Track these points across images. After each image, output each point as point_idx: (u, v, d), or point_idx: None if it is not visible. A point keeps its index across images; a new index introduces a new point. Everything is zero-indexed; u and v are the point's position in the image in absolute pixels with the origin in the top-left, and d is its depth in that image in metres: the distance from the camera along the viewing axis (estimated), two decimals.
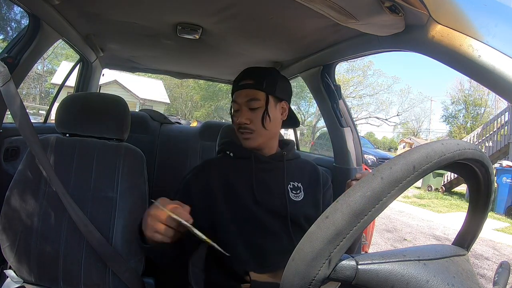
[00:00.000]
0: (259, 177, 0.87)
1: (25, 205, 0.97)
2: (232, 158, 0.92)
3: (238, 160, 0.90)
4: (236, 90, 0.89)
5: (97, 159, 1.04)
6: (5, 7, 11.58)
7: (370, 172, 0.34)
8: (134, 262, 0.99)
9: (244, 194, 0.84)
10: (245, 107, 0.86)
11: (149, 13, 1.12)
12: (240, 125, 0.86)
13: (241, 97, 0.87)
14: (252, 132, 0.86)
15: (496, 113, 10.55)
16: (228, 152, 0.93)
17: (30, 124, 0.96)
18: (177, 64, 1.98)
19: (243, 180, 0.86)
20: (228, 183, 0.86)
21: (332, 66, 1.39)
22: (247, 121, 0.85)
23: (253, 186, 0.85)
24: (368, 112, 22.78)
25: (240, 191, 0.84)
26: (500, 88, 0.51)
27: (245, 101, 0.86)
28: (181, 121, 2.77)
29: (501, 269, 0.45)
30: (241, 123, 0.85)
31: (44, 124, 1.69)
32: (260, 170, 0.88)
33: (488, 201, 0.43)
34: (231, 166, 0.89)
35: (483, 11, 0.57)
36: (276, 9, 0.97)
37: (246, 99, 0.86)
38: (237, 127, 0.88)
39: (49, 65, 20.49)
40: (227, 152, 0.93)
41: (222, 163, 0.92)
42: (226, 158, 0.93)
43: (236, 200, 0.84)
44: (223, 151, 0.95)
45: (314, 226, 0.33)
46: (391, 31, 0.76)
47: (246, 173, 0.87)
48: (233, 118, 0.90)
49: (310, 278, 0.32)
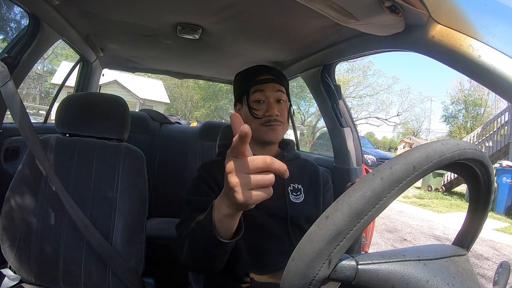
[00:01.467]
0: None
1: (25, 205, 0.97)
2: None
3: None
4: (262, 83, 0.87)
5: (97, 159, 1.04)
6: (5, 7, 11.58)
7: (370, 172, 0.34)
8: (134, 262, 0.99)
9: None
10: (273, 99, 0.86)
11: (149, 13, 1.12)
12: (271, 117, 0.84)
13: (270, 88, 0.86)
14: (280, 124, 0.86)
15: (496, 113, 10.55)
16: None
17: (30, 124, 0.96)
18: (177, 64, 1.98)
19: None
20: None
21: (332, 66, 1.39)
22: (278, 113, 0.85)
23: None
24: (368, 112, 22.81)
25: None
26: (500, 88, 0.51)
27: (274, 92, 0.86)
28: (181, 121, 2.77)
29: (501, 269, 0.45)
30: (274, 114, 0.84)
31: (44, 124, 1.69)
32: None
33: (488, 201, 0.42)
34: None
35: (483, 11, 0.57)
36: (276, 9, 0.97)
37: (275, 90, 0.86)
38: (265, 119, 0.85)
39: (49, 65, 20.52)
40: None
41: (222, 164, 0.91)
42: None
43: None
44: (223, 153, 0.95)
45: (314, 226, 0.33)
46: (391, 31, 0.76)
47: None
48: (256, 112, 0.85)
49: (310, 278, 0.32)
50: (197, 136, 1.99)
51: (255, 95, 0.86)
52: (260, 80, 0.87)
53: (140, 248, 1.00)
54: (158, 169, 1.93)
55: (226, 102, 20.56)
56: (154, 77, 18.22)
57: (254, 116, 0.85)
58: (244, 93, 0.88)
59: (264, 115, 0.85)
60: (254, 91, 0.86)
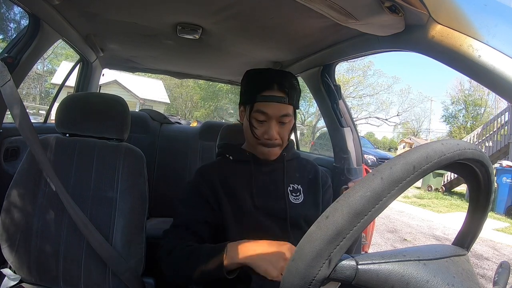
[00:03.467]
0: (259, 181, 0.87)
1: (25, 205, 0.97)
2: (231, 162, 0.91)
3: (237, 164, 0.90)
4: (266, 101, 0.80)
5: (97, 159, 1.04)
6: (5, 7, 11.58)
7: (370, 172, 0.34)
8: (134, 262, 0.99)
9: (244, 199, 0.84)
10: (275, 121, 0.81)
11: (149, 13, 1.12)
12: (269, 140, 0.82)
13: (274, 110, 0.80)
14: (278, 145, 0.84)
15: (496, 113, 10.55)
16: (227, 156, 0.93)
17: (30, 124, 0.96)
18: (177, 64, 1.98)
19: (242, 184, 0.86)
20: (229, 186, 0.85)
21: (332, 66, 1.39)
22: (278, 137, 0.82)
23: (252, 191, 0.85)
24: (368, 112, 22.79)
25: (240, 196, 0.84)
26: (500, 88, 0.51)
27: (278, 116, 0.81)
28: (181, 121, 2.77)
29: (501, 269, 0.45)
30: (273, 138, 0.81)
31: (44, 124, 1.69)
32: (260, 173, 0.88)
33: (488, 201, 0.42)
34: (230, 169, 0.89)
35: (483, 11, 0.57)
36: (276, 9, 0.97)
37: (279, 114, 0.81)
38: (263, 140, 0.83)
39: (49, 65, 20.52)
40: (227, 155, 0.93)
41: (222, 166, 0.91)
42: (225, 162, 0.92)
43: (236, 204, 0.84)
44: (222, 154, 0.95)
45: (314, 226, 0.33)
46: (391, 31, 0.76)
47: (245, 177, 0.87)
48: (255, 130, 0.82)
49: (310, 278, 0.32)
50: (197, 136, 1.99)
51: (258, 114, 0.81)
52: (268, 97, 0.80)
53: (140, 248, 1.00)
54: (158, 169, 1.93)
55: (226, 102, 20.56)
56: (154, 77, 18.21)
57: (253, 135, 0.83)
58: (248, 104, 0.84)
59: (263, 136, 0.82)
60: (257, 108, 0.81)
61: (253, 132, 0.83)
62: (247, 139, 0.90)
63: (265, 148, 0.84)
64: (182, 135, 2.03)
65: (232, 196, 0.84)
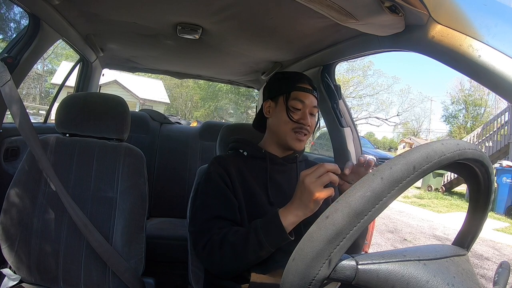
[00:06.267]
0: (273, 178, 0.88)
1: (25, 205, 0.97)
2: (245, 157, 0.92)
3: (252, 159, 0.91)
4: (304, 91, 0.89)
5: (97, 159, 1.04)
6: (5, 7, 11.58)
7: (370, 172, 0.34)
8: (134, 262, 0.99)
9: (259, 194, 0.85)
10: (309, 110, 0.89)
11: (149, 13, 1.12)
12: (304, 125, 0.87)
13: (310, 100, 0.89)
14: (307, 134, 0.89)
15: (496, 113, 10.55)
16: (241, 151, 0.93)
17: (30, 124, 0.96)
18: (177, 64, 1.98)
19: (258, 179, 0.87)
20: (245, 179, 0.86)
21: (332, 66, 1.39)
22: (310, 124, 0.89)
23: (267, 187, 0.86)
24: (368, 112, 22.76)
25: (255, 190, 0.85)
26: (500, 88, 0.51)
27: (312, 106, 0.89)
28: (181, 121, 2.77)
29: (501, 269, 0.45)
30: (307, 124, 0.88)
31: (44, 124, 1.69)
32: (274, 171, 0.89)
33: (488, 201, 0.42)
34: (245, 164, 0.89)
35: (483, 11, 0.57)
36: (276, 9, 0.97)
37: (313, 105, 0.90)
38: (298, 125, 0.88)
39: (49, 65, 20.50)
40: (240, 150, 0.93)
41: (236, 160, 0.91)
42: (239, 156, 0.92)
43: (251, 198, 0.84)
44: (235, 149, 0.95)
45: (314, 226, 0.33)
46: (391, 31, 0.76)
47: (261, 173, 0.88)
48: (293, 115, 0.88)
49: (310, 278, 0.32)
50: (197, 136, 1.99)
51: (295, 102, 0.88)
52: (302, 88, 0.89)
53: (140, 248, 1.00)
54: (158, 169, 1.93)
55: (226, 102, 20.55)
56: (154, 77, 18.21)
57: (290, 118, 0.87)
58: (284, 93, 0.89)
59: (298, 120, 0.87)
60: (295, 96, 0.88)
61: (290, 116, 0.87)
62: (277, 130, 0.91)
63: (297, 134, 0.88)
64: (182, 135, 2.03)
65: (247, 188, 0.85)
